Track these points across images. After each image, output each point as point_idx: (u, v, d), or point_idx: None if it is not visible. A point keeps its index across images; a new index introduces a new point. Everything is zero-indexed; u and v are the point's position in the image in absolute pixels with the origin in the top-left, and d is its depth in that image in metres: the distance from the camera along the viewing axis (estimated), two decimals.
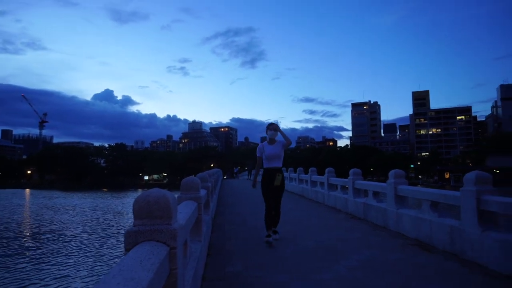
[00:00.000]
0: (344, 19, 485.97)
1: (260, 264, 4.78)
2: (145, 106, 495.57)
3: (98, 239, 20.19)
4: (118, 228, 24.46)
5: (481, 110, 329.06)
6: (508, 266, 4.11)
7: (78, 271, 13.43)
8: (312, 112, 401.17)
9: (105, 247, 17.90)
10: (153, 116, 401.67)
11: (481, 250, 4.54)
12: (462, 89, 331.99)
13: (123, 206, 40.76)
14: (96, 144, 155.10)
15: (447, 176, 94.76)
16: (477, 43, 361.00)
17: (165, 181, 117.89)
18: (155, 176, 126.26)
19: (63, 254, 16.42)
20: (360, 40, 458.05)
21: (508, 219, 4.46)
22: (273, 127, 6.23)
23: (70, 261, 15.01)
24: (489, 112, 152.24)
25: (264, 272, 4.41)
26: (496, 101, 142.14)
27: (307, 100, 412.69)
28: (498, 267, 4.27)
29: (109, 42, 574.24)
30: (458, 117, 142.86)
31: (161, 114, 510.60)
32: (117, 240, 19.52)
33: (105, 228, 24.25)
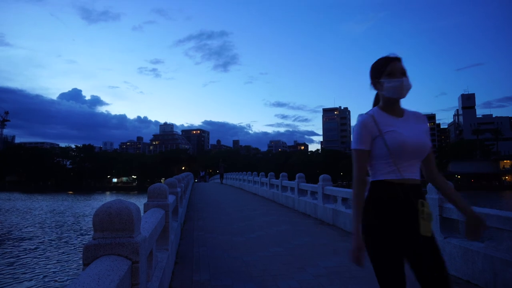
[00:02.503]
0: (316, 26, 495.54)
1: (228, 272, 4.73)
2: (114, 106, 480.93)
3: (51, 245, 19.20)
4: (77, 233, 23.54)
5: (444, 118, 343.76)
6: (468, 271, 4.28)
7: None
8: (284, 116, 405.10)
9: (60, 254, 17.06)
10: (123, 117, 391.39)
11: (444, 257, 4.69)
12: (427, 97, 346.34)
13: (86, 209, 39.40)
14: (62, 145, 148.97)
15: None
16: (441, 54, 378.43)
17: (134, 184, 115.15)
18: (124, 179, 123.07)
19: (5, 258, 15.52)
20: (332, 46, 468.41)
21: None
22: (399, 67, 1.98)
23: (10, 266, 14.17)
24: (451, 120, 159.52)
25: (231, 281, 4.36)
26: (457, 110, 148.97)
27: (279, 104, 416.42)
28: (458, 273, 4.43)
29: (78, 40, 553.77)
30: None
31: (131, 116, 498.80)
32: (74, 248, 18.63)
33: (62, 233, 23.23)
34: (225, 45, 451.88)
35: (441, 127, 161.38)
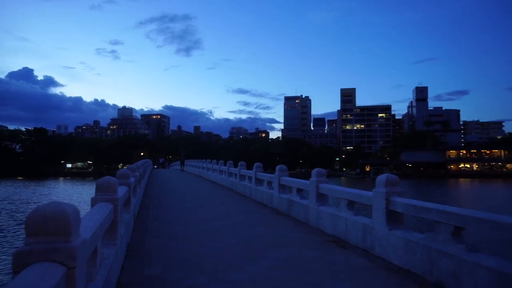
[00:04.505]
0: (280, 14, 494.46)
1: (180, 265, 4.70)
2: (70, 88, 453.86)
3: None
4: (16, 221, 22.32)
5: (399, 109, 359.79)
6: (408, 261, 4.55)
7: None
8: (246, 103, 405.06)
9: None
10: (78, 100, 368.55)
11: (387, 247, 4.96)
12: (384, 89, 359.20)
13: (33, 197, 37.45)
14: (11, 127, 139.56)
15: (367, 169, 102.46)
16: (399, 46, 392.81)
17: (90, 170, 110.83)
18: (79, 164, 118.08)
19: None
20: (295, 35, 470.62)
21: (410, 219, 4.91)
22: None
23: None
24: (406, 111, 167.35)
25: (183, 274, 4.34)
26: (411, 102, 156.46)
27: (241, 91, 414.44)
28: (400, 262, 4.70)
29: (30, 16, 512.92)
30: (380, 115, 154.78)
31: (87, 98, 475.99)
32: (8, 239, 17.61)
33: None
34: (188, 29, 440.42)
35: (396, 118, 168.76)
